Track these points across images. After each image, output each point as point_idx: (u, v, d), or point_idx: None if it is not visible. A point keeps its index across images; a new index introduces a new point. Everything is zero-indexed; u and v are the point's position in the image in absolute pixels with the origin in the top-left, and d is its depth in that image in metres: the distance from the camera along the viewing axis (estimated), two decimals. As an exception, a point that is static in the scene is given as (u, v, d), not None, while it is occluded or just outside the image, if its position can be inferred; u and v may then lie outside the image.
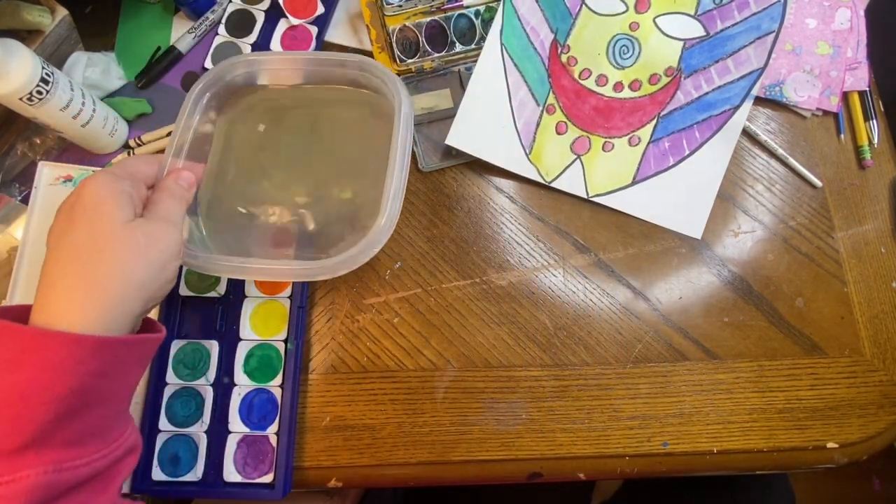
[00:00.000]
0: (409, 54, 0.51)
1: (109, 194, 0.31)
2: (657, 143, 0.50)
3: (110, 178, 0.31)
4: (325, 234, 0.43)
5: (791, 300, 0.47)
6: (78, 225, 0.29)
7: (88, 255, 0.29)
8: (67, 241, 0.29)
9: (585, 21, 0.51)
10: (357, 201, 0.44)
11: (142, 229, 0.31)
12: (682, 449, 0.44)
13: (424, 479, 0.44)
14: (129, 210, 0.31)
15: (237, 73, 0.43)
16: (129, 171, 0.34)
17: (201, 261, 0.37)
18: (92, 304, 0.28)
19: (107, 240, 0.29)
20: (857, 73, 0.51)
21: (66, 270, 0.29)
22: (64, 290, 0.28)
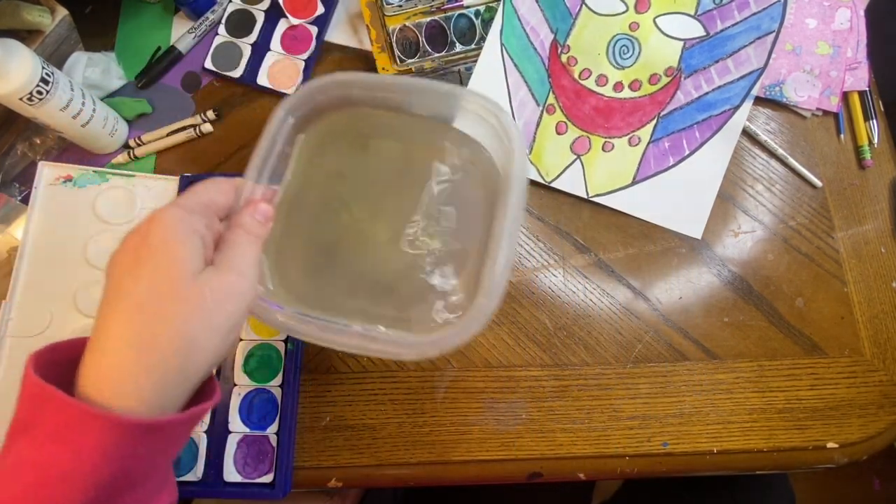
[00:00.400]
0: (409, 54, 0.51)
1: (180, 235, 0.27)
2: (657, 143, 0.50)
3: (182, 215, 0.28)
4: (405, 283, 0.39)
5: (791, 300, 0.47)
6: (143, 272, 0.26)
7: (149, 317, 0.26)
8: (129, 289, 0.26)
9: (585, 21, 0.51)
10: (444, 252, 0.39)
11: (210, 286, 0.27)
12: (682, 449, 0.44)
13: (424, 479, 0.44)
14: (198, 258, 0.28)
15: (329, 94, 0.38)
16: (203, 203, 0.30)
17: (279, 318, 0.33)
18: (148, 378, 0.25)
19: (171, 300, 0.26)
20: (857, 73, 0.51)
21: (124, 330, 0.26)
22: (119, 353, 0.25)
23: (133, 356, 0.25)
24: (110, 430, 0.24)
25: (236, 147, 0.51)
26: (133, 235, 0.28)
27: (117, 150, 0.51)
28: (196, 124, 0.50)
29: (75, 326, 0.44)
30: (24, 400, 0.26)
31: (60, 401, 0.24)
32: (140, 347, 0.25)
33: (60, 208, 0.47)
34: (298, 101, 0.36)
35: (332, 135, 0.40)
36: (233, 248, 0.29)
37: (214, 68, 0.52)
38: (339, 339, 0.32)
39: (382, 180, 0.41)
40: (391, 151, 0.41)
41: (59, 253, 0.46)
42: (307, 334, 0.33)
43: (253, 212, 0.32)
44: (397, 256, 0.39)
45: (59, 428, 0.24)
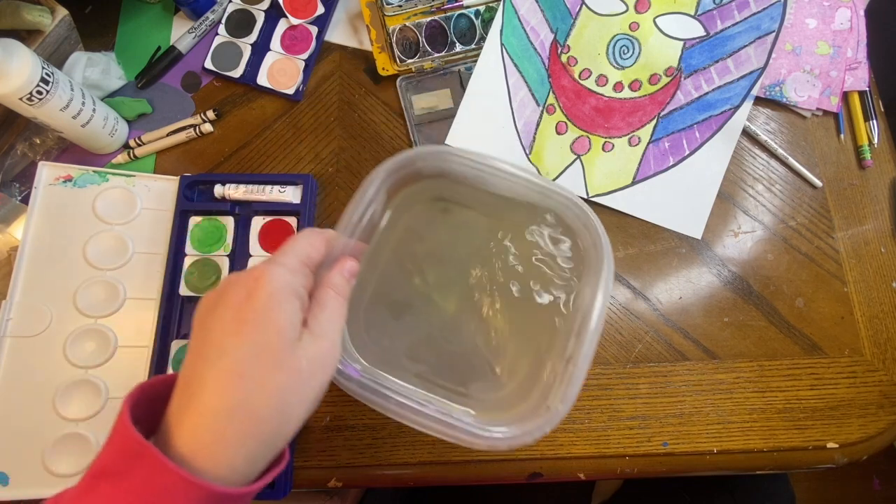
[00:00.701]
0: (409, 54, 0.51)
1: (283, 302, 0.28)
2: (657, 143, 0.50)
3: (287, 278, 0.29)
4: (467, 358, 0.39)
5: (791, 300, 0.47)
6: (245, 334, 0.26)
7: (250, 384, 0.26)
8: (230, 350, 0.26)
9: (585, 21, 0.51)
10: (509, 333, 0.39)
11: (307, 356, 0.28)
12: (682, 449, 0.44)
13: (424, 479, 0.44)
14: (297, 323, 0.28)
15: (428, 163, 0.38)
16: (302, 261, 0.31)
17: (354, 384, 0.34)
18: (242, 447, 0.26)
19: (271, 368, 0.26)
20: (857, 73, 0.51)
21: (224, 395, 0.26)
22: (218, 420, 0.25)
23: (232, 426, 0.25)
24: (203, 499, 0.24)
25: (236, 147, 0.51)
26: (236, 289, 0.28)
27: (117, 150, 0.51)
28: (196, 124, 0.50)
29: (75, 326, 0.44)
30: (117, 446, 0.25)
31: (158, 462, 0.24)
32: (239, 417, 0.25)
33: (60, 208, 0.47)
34: (398, 164, 0.36)
35: (415, 194, 0.41)
36: (324, 311, 0.30)
37: (214, 68, 0.52)
38: (418, 419, 0.33)
39: (459, 249, 0.41)
40: (472, 222, 0.41)
41: (59, 253, 0.46)
42: (385, 408, 0.34)
43: (341, 269, 0.32)
44: (463, 330, 0.40)
45: (150, 486, 0.24)
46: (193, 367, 0.27)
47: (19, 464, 0.42)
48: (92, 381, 0.43)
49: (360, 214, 0.36)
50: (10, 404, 0.43)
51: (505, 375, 0.39)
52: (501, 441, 0.33)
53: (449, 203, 0.42)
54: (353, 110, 0.52)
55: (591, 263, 0.37)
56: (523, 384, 0.38)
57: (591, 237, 0.37)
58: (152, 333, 0.45)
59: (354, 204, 0.36)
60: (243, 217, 0.48)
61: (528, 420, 0.33)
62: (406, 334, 0.40)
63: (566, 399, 0.33)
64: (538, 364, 0.38)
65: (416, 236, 0.41)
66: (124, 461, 0.25)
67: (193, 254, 0.46)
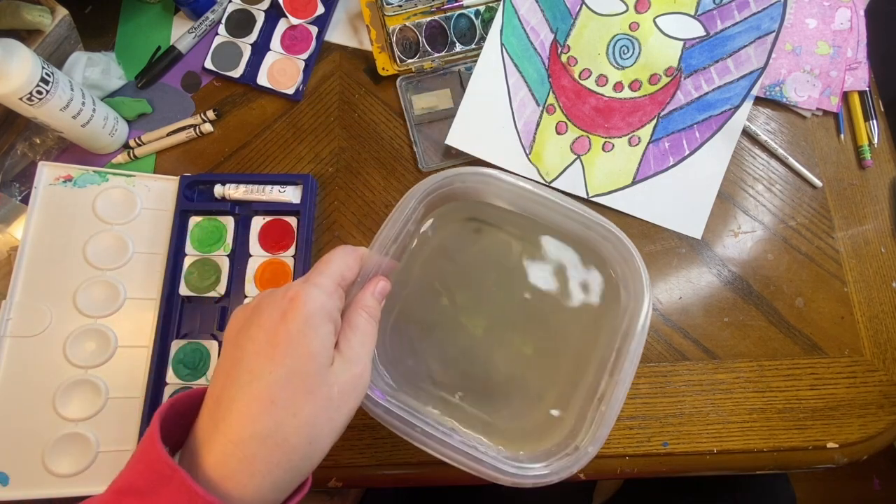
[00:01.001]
0: (409, 54, 0.51)
1: (318, 326, 0.27)
2: (657, 143, 0.50)
3: (322, 300, 0.28)
4: (491, 385, 0.38)
5: (791, 300, 0.47)
6: (278, 358, 0.26)
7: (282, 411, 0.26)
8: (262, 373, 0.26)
9: (585, 21, 0.51)
10: (536, 362, 0.38)
11: (339, 381, 0.27)
12: (682, 449, 0.44)
13: (424, 479, 0.44)
14: (330, 347, 0.28)
15: (468, 184, 0.37)
16: (336, 281, 0.30)
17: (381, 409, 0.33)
18: (270, 474, 0.25)
19: (304, 394, 0.26)
20: (857, 73, 0.51)
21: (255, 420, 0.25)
22: (249, 447, 0.25)
23: (261, 453, 0.25)
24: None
25: (236, 147, 0.51)
26: (270, 310, 0.28)
27: (117, 150, 0.51)
28: (196, 124, 0.51)
29: (75, 326, 0.44)
30: (144, 465, 0.25)
31: (187, 486, 0.24)
32: (269, 445, 0.25)
33: (60, 208, 0.47)
34: (438, 184, 0.36)
35: (448, 214, 0.40)
36: (356, 334, 0.30)
37: (214, 68, 0.52)
38: (444, 450, 0.33)
39: (490, 272, 0.40)
40: (503, 245, 0.40)
41: (59, 253, 0.46)
42: (411, 437, 0.33)
43: (373, 290, 0.32)
44: (490, 355, 0.39)
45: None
46: (224, 388, 0.27)
47: (19, 464, 0.42)
48: (92, 381, 0.43)
49: (396, 233, 0.35)
50: (10, 404, 0.43)
51: (531, 404, 0.38)
52: (528, 478, 0.32)
53: (482, 224, 0.41)
54: (353, 110, 0.52)
55: (629, 297, 0.36)
56: (551, 417, 0.37)
57: (628, 268, 0.36)
58: (152, 333, 0.45)
59: (392, 222, 0.35)
60: (243, 217, 0.48)
61: (553, 458, 0.33)
62: (431, 355, 0.39)
63: (596, 441, 0.32)
64: (566, 395, 0.37)
65: (446, 256, 0.40)
66: (152, 482, 0.24)
67: (193, 254, 0.46)
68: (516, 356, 0.39)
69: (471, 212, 0.40)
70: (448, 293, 0.40)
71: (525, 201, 0.37)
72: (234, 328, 0.29)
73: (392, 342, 0.39)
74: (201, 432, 0.26)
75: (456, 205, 0.40)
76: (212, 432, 0.26)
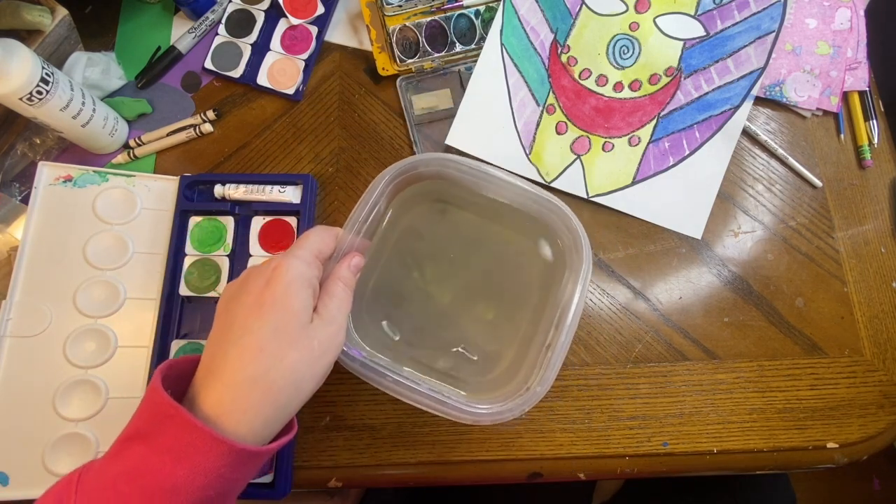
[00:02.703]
0: (409, 54, 0.51)
1: (298, 290, 0.31)
2: (657, 143, 0.50)
3: (302, 269, 0.32)
4: (456, 346, 0.43)
5: (791, 300, 0.47)
6: (265, 316, 0.30)
7: (269, 358, 0.29)
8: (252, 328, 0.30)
9: (585, 21, 0.51)
10: (496, 325, 0.44)
11: (318, 336, 0.31)
12: (682, 449, 0.44)
13: (424, 479, 0.44)
14: (309, 309, 0.32)
15: (431, 167, 0.41)
16: (314, 254, 0.34)
17: (357, 364, 0.37)
18: (261, 411, 0.29)
19: (288, 345, 0.30)
20: (857, 73, 0.51)
21: (247, 366, 0.29)
22: (242, 388, 0.29)
23: (253, 393, 0.29)
24: (226, 454, 0.27)
25: (236, 147, 0.51)
26: (256, 279, 0.32)
27: (117, 150, 0.51)
28: (196, 124, 0.51)
29: (75, 326, 0.44)
30: (148, 410, 0.29)
31: (188, 422, 0.27)
32: (259, 386, 0.29)
33: (60, 208, 0.47)
34: (402, 169, 0.40)
35: (416, 197, 0.45)
36: (333, 300, 0.33)
37: (214, 68, 0.52)
38: (412, 395, 0.37)
39: (455, 248, 0.45)
40: (466, 223, 0.45)
41: (59, 253, 0.46)
42: (384, 385, 0.37)
43: (349, 264, 0.36)
44: (456, 320, 0.44)
45: (180, 444, 0.27)
46: (218, 345, 0.30)
47: (19, 464, 0.42)
48: (92, 381, 0.43)
49: (365, 213, 0.39)
50: (10, 404, 0.43)
51: (492, 361, 0.43)
52: (485, 416, 0.36)
53: (447, 205, 0.45)
54: (353, 110, 0.52)
55: (573, 262, 0.40)
56: (508, 369, 0.42)
57: (572, 237, 0.40)
58: (152, 333, 0.45)
59: (361, 204, 0.39)
60: (243, 217, 0.48)
61: (510, 399, 0.37)
62: (404, 322, 0.43)
63: (544, 381, 0.37)
64: (522, 352, 0.42)
65: (416, 235, 0.45)
66: (155, 422, 0.28)
67: (193, 254, 0.46)
68: (479, 321, 0.44)
69: (438, 194, 0.45)
70: (418, 267, 0.44)
71: (482, 183, 0.41)
72: (225, 298, 0.33)
73: (369, 310, 0.43)
74: (198, 383, 0.30)
75: (424, 187, 0.44)
76: (208, 379, 0.29)
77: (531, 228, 0.44)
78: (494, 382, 0.42)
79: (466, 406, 0.37)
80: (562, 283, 0.41)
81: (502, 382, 0.41)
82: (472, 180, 0.41)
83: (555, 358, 0.37)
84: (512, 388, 0.40)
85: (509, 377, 0.41)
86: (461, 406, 0.37)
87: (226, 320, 0.31)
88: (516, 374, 0.41)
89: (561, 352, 0.37)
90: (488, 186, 0.42)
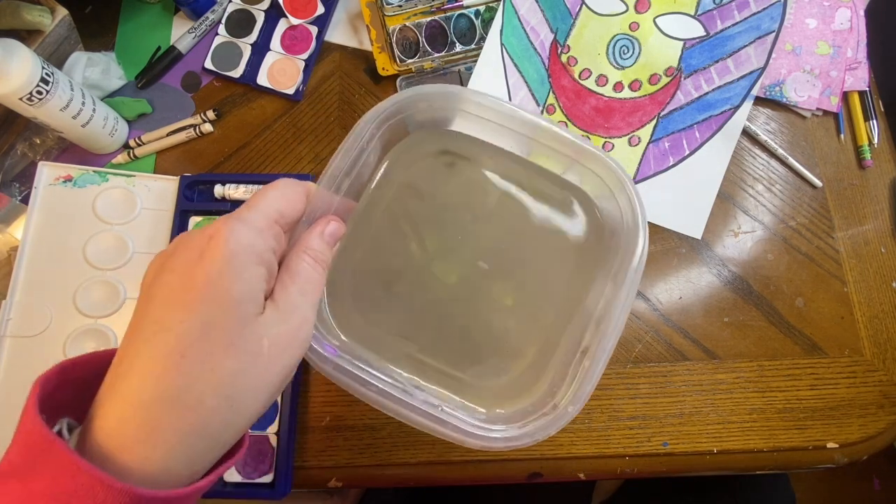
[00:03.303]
0: (409, 54, 0.51)
1: (242, 267, 0.22)
2: (657, 143, 0.50)
3: (250, 238, 0.23)
4: (463, 339, 0.34)
5: (791, 300, 0.47)
6: (192, 304, 0.21)
7: (193, 366, 0.21)
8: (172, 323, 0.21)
9: (585, 21, 0.51)
10: (515, 313, 0.34)
11: (269, 335, 0.23)
12: (682, 449, 0.44)
13: (424, 479, 0.44)
14: (259, 295, 0.23)
15: (436, 105, 0.32)
16: (272, 217, 0.25)
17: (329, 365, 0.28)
18: (180, 443, 0.21)
19: (222, 348, 0.21)
20: (857, 73, 0.51)
21: (160, 378, 0.21)
22: (150, 408, 0.21)
23: (167, 418, 0.21)
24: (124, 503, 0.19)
25: (236, 147, 0.51)
26: (186, 250, 0.23)
27: (117, 150, 0.51)
28: (196, 124, 0.50)
29: (75, 326, 0.44)
30: (21, 440, 0.21)
31: (68, 461, 0.19)
32: (177, 405, 0.21)
33: (60, 208, 0.47)
34: (397, 107, 0.31)
35: (416, 145, 0.35)
36: (295, 281, 0.24)
37: (214, 68, 0.52)
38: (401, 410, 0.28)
39: (464, 212, 0.35)
40: (480, 182, 0.35)
41: (59, 253, 0.46)
42: (364, 395, 0.29)
43: (322, 232, 0.27)
44: (464, 306, 0.34)
45: (62, 489, 0.19)
46: (129, 343, 0.22)
47: (19, 464, 0.42)
48: (92, 381, 0.43)
49: (349, 165, 0.30)
50: (10, 404, 0.43)
51: (508, 361, 0.34)
52: (498, 441, 0.29)
53: (456, 157, 0.36)
54: (354, 110, 0.52)
55: (620, 240, 0.31)
56: (528, 373, 0.34)
57: (620, 207, 0.31)
58: (152, 333, 0.45)
59: (343, 152, 0.30)
60: (243, 217, 0.48)
61: (530, 418, 0.29)
62: (397, 308, 0.35)
63: (577, 399, 0.28)
64: (546, 351, 0.33)
65: (415, 194, 0.35)
66: (31, 458, 0.20)
67: (193, 254, 0.46)
68: (494, 307, 0.34)
69: (442, 143, 0.35)
70: (417, 237, 0.35)
71: (503, 129, 0.32)
72: (148, 277, 0.23)
73: (353, 293, 0.34)
74: (101, 397, 0.22)
75: (426, 135, 0.35)
76: (109, 394, 0.21)
77: (566, 192, 0.34)
78: (511, 388, 0.34)
79: (473, 428, 0.29)
80: (604, 267, 0.32)
81: (520, 389, 0.33)
82: (489, 124, 0.32)
83: (593, 368, 0.28)
84: (533, 401, 0.31)
85: (529, 382, 0.33)
86: (466, 427, 0.29)
87: (142, 307, 0.22)
88: (538, 379, 0.33)
89: (602, 359, 0.28)
90: (509, 134, 0.33)
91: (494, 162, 0.36)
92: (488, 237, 0.35)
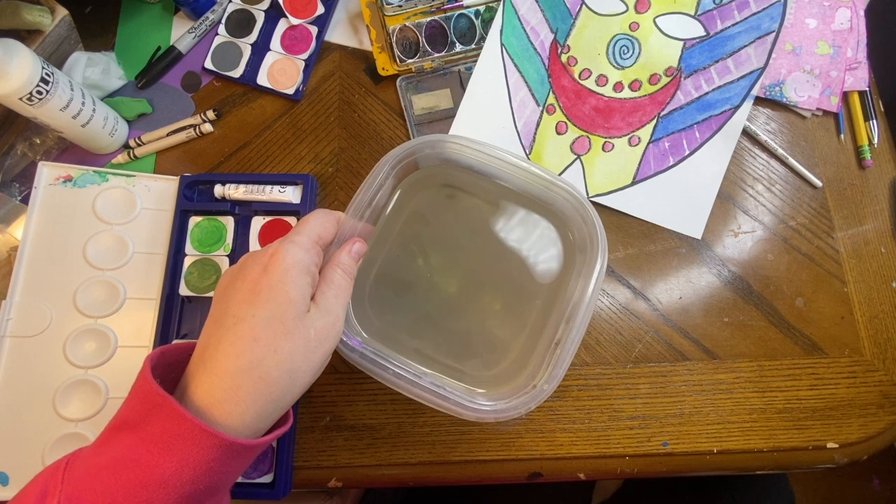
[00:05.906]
0: (409, 54, 0.51)
1: (295, 277, 0.30)
2: (657, 143, 0.50)
3: (300, 256, 0.31)
4: (461, 338, 0.42)
5: (791, 300, 0.47)
6: (260, 304, 0.29)
7: (263, 348, 0.28)
8: (245, 317, 0.29)
9: (585, 21, 0.51)
10: (503, 316, 0.42)
11: (315, 326, 0.30)
12: (682, 449, 0.44)
13: (424, 479, 0.44)
14: (307, 297, 0.31)
15: (435, 151, 0.40)
16: (314, 239, 0.33)
17: (357, 354, 0.36)
18: (254, 404, 0.28)
19: (283, 335, 0.29)
20: (857, 73, 0.51)
21: (240, 357, 0.28)
22: (234, 378, 0.28)
23: (245, 384, 0.28)
24: (216, 447, 0.26)
25: (236, 147, 0.51)
26: (253, 265, 0.31)
27: (117, 150, 0.51)
28: (196, 124, 0.51)
29: (75, 326, 0.44)
30: (136, 399, 0.28)
31: (176, 412, 0.26)
32: (252, 377, 0.28)
33: (60, 208, 0.47)
34: (406, 152, 0.39)
35: (423, 180, 0.44)
36: (331, 288, 0.32)
37: (214, 68, 0.52)
38: (413, 389, 0.36)
39: (462, 235, 0.44)
40: (475, 209, 0.44)
41: (59, 253, 0.46)
42: (384, 378, 0.36)
43: (349, 250, 0.35)
44: (462, 311, 0.42)
45: (168, 436, 0.26)
46: (212, 333, 0.29)
47: (19, 464, 0.42)
48: (92, 381, 0.43)
49: (369, 198, 0.38)
50: (10, 404, 0.43)
51: (498, 354, 0.42)
52: (488, 413, 0.35)
53: (455, 190, 0.44)
54: (353, 110, 0.52)
55: (586, 256, 0.39)
56: (514, 364, 0.41)
57: (587, 230, 0.39)
58: (152, 333, 0.45)
59: (365, 188, 0.38)
60: (243, 217, 0.48)
61: (515, 396, 0.36)
62: (408, 312, 0.42)
63: (552, 379, 0.35)
64: (529, 346, 0.41)
65: (422, 220, 0.44)
66: (144, 412, 0.27)
67: (193, 254, 0.46)
68: (486, 312, 0.43)
69: (445, 178, 0.44)
70: (423, 255, 0.43)
71: (491, 167, 0.40)
72: (222, 285, 0.32)
73: (372, 299, 0.42)
74: (191, 371, 0.29)
75: (431, 171, 0.43)
76: (200, 369, 0.28)
77: (543, 217, 0.43)
78: (500, 377, 0.41)
79: (470, 402, 0.35)
80: (573, 276, 0.40)
81: (508, 377, 0.40)
82: (479, 164, 0.40)
83: (564, 355, 0.36)
84: (518, 384, 0.39)
85: (515, 372, 0.40)
86: (464, 402, 0.35)
87: (221, 307, 0.30)
88: (523, 369, 0.40)
89: (570, 349, 0.36)
90: (496, 171, 0.41)
91: (486, 193, 0.44)
92: (481, 255, 0.43)
